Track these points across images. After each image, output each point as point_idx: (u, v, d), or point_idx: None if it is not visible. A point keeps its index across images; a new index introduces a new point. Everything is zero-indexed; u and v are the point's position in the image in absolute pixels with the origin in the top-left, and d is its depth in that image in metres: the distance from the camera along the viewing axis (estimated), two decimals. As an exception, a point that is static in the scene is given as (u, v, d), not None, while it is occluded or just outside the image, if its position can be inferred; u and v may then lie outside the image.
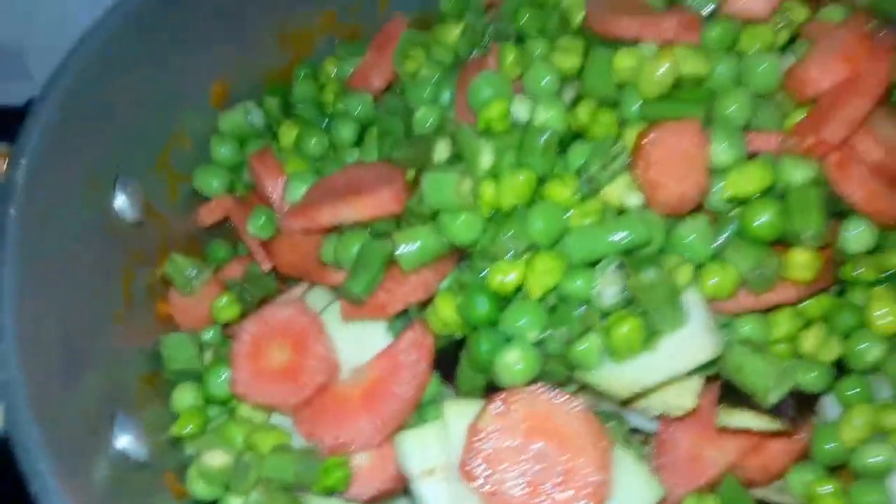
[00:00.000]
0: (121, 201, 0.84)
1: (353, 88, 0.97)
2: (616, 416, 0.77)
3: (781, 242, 0.74)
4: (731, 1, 0.82)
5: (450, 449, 0.70)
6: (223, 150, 0.96)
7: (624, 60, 0.77)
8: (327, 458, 0.74)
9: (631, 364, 0.70)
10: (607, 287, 0.70)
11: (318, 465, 0.73)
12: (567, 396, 0.68)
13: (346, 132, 0.92)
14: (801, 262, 0.72)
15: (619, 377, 0.71)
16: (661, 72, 0.74)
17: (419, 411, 0.77)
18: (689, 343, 0.70)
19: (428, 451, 0.71)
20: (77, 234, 0.77)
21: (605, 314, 0.71)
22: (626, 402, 0.74)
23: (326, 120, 0.98)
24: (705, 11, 0.82)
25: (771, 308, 0.76)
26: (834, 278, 0.78)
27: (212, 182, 0.94)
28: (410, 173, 0.81)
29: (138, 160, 0.87)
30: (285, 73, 1.04)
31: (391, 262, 0.76)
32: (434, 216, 0.75)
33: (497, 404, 0.68)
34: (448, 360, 0.78)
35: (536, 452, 0.67)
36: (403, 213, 0.77)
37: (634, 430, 0.81)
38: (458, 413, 0.70)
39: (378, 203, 0.76)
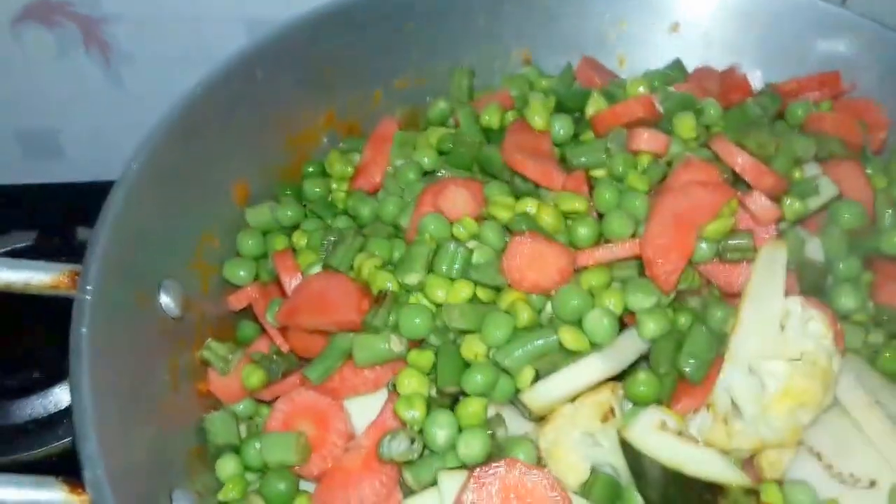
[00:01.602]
0: (165, 301, 0.98)
1: (357, 188, 1.13)
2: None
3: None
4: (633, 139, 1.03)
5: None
6: (250, 244, 1.10)
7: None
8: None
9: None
10: None
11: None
12: (535, 468, 0.82)
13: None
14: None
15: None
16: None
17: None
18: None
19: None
20: (132, 337, 0.91)
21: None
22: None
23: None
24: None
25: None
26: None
27: (239, 272, 1.08)
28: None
29: (177, 263, 1.01)
30: (296, 169, 1.20)
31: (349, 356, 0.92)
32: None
33: (471, 482, 0.80)
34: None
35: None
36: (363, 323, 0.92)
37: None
38: (452, 482, 0.83)
39: (341, 317, 0.93)
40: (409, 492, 0.87)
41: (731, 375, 0.85)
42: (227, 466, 0.95)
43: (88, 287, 0.87)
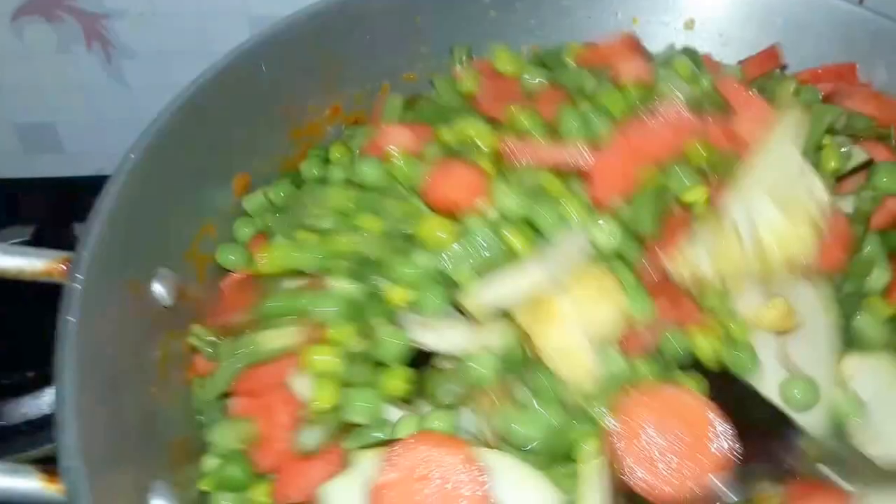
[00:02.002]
0: (158, 290, 0.95)
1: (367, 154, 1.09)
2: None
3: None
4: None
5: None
6: (245, 230, 1.08)
7: None
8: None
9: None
10: None
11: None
12: (450, 443, 0.79)
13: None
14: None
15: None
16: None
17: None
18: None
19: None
20: (122, 326, 0.88)
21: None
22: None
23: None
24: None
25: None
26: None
27: (230, 257, 1.05)
28: None
29: (173, 253, 0.99)
30: (298, 160, 1.16)
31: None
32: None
33: (384, 460, 0.78)
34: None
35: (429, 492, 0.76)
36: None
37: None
38: (367, 460, 0.80)
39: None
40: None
41: (737, 204, 0.86)
42: (212, 459, 0.92)
43: (78, 275, 0.84)
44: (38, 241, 1.45)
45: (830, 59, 1.23)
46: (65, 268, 0.86)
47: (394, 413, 0.88)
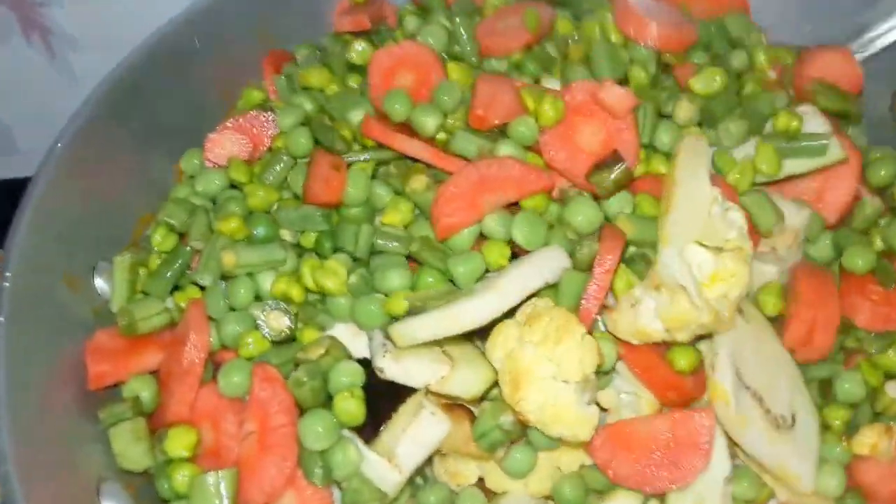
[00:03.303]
0: (99, 284, 0.93)
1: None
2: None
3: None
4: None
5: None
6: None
7: None
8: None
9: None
10: None
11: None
12: None
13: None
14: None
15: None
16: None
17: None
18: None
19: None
20: (60, 322, 0.86)
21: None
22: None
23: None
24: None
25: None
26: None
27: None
28: None
29: (113, 246, 0.95)
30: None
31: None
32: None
33: None
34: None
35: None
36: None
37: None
38: None
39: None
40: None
41: (669, 257, 0.83)
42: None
43: (7, 274, 0.82)
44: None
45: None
46: (-2, 268, 0.84)
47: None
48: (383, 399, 0.83)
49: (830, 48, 1.07)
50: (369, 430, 0.82)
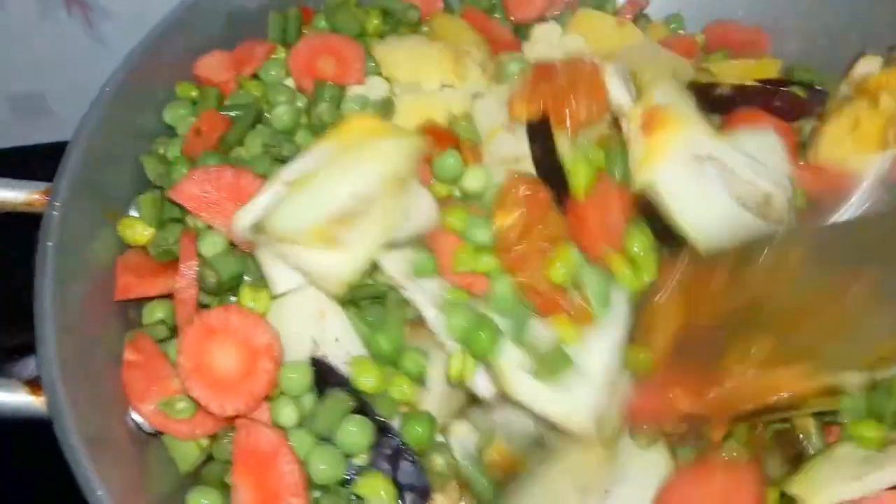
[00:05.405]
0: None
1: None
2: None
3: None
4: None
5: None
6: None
7: None
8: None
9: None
10: None
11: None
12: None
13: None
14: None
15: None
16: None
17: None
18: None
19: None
20: (100, 251, 0.94)
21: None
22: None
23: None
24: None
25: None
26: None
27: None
28: None
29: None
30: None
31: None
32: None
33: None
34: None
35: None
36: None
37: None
38: None
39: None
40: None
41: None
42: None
43: (56, 203, 0.89)
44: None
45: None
46: (46, 197, 0.91)
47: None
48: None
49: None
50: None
